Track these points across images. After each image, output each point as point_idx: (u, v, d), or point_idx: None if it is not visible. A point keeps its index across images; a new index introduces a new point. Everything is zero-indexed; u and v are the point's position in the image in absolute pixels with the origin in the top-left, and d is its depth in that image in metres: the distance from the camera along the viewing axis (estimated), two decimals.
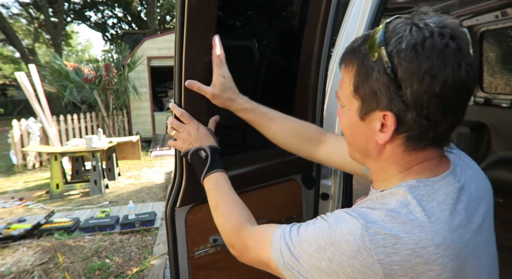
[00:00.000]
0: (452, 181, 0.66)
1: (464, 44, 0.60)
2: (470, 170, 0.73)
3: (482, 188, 0.73)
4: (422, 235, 0.58)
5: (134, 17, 21.53)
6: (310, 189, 1.40)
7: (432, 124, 0.61)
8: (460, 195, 0.66)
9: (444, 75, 0.57)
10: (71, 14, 21.33)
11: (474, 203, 0.68)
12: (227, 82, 0.98)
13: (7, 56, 23.09)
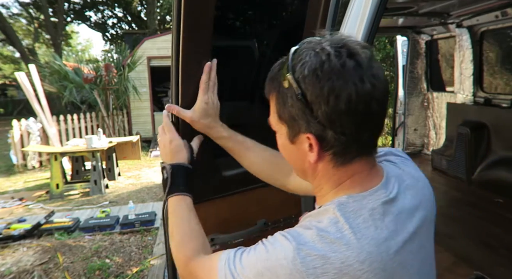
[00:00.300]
0: (382, 194, 0.68)
1: (363, 59, 0.63)
2: (408, 179, 0.76)
3: (420, 196, 0.75)
4: (348, 253, 0.61)
5: (134, 17, 21.52)
6: None
7: (351, 139, 0.65)
8: (390, 207, 0.68)
9: (347, 92, 0.61)
10: (71, 14, 21.33)
11: (407, 214, 0.70)
12: (208, 109, 0.99)
13: (7, 56, 23.08)
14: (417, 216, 0.71)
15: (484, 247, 2.71)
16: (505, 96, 4.14)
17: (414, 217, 0.71)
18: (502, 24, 4.00)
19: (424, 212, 0.73)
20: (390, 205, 0.68)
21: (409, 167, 0.80)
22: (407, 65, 5.36)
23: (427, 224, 0.74)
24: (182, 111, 0.98)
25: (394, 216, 0.67)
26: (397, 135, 5.66)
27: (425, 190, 0.77)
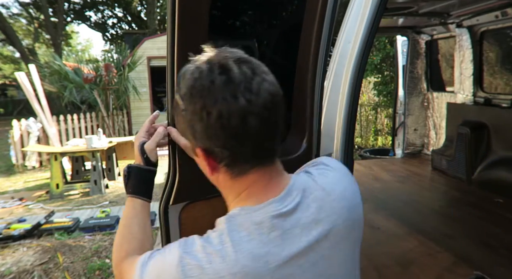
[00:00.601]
0: (274, 208, 0.68)
1: (236, 74, 0.64)
2: (318, 191, 0.73)
3: (327, 209, 0.72)
4: (223, 265, 0.63)
5: (134, 17, 21.52)
6: None
7: (236, 152, 0.67)
8: (281, 221, 0.68)
9: (217, 109, 0.62)
10: (71, 14, 21.33)
11: (301, 228, 0.69)
12: None
13: (7, 56, 23.09)
14: (316, 230, 0.70)
15: (484, 247, 2.71)
16: (505, 96, 4.14)
17: (312, 230, 0.70)
18: (502, 24, 4.00)
19: (328, 225, 0.71)
20: (281, 219, 0.68)
21: (327, 178, 0.77)
22: (407, 65, 5.36)
23: (334, 237, 0.72)
24: (178, 137, 0.99)
25: (283, 231, 0.67)
26: (397, 135, 5.66)
27: (335, 203, 0.73)
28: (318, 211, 0.71)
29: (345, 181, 0.79)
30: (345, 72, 1.59)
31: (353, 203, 0.77)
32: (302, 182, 0.74)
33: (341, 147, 1.61)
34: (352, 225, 0.75)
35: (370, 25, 1.51)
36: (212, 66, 0.65)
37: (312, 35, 1.23)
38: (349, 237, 0.75)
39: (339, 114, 1.60)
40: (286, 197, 0.70)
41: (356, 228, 0.77)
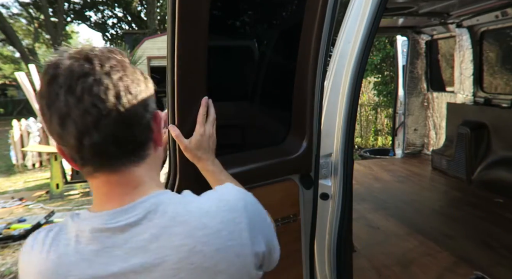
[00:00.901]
0: (100, 221, 0.65)
1: (60, 75, 0.62)
2: (166, 217, 0.65)
3: (163, 241, 0.63)
4: (36, 258, 0.66)
5: (134, 17, 21.52)
6: (309, 189, 1.39)
7: (72, 151, 0.66)
8: (105, 237, 0.64)
9: (41, 108, 0.65)
10: (71, 14, 21.32)
11: (125, 252, 0.63)
12: (203, 142, 1.01)
13: (7, 56, 23.10)
14: (139, 259, 0.63)
15: (484, 247, 2.71)
16: (505, 96, 4.14)
17: (133, 257, 0.63)
18: (502, 24, 4.00)
19: (155, 259, 0.63)
20: (106, 234, 0.64)
21: (197, 207, 0.67)
22: (407, 65, 5.36)
23: (160, 275, 0.63)
24: (180, 137, 1.00)
25: (102, 247, 0.63)
26: (397, 135, 5.66)
27: (177, 238, 0.63)
28: (151, 239, 0.63)
29: (221, 220, 0.66)
30: (345, 72, 1.59)
31: (212, 246, 0.64)
32: (159, 202, 0.66)
33: (341, 147, 1.61)
34: (203, 274, 0.63)
35: (370, 25, 1.51)
36: (48, 62, 0.65)
37: (313, 35, 1.23)
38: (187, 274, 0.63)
39: (339, 114, 1.61)
40: (122, 213, 0.65)
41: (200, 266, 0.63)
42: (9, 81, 23.15)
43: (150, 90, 0.73)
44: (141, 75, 0.72)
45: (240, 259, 0.66)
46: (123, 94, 0.64)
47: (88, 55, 0.64)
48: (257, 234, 0.70)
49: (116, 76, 0.65)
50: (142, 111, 0.68)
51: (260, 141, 1.37)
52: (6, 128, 10.08)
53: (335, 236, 1.64)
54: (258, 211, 0.74)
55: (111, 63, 0.65)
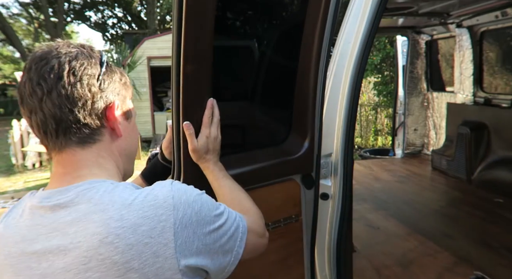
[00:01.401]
0: (39, 198, 0.69)
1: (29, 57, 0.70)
2: (90, 203, 0.65)
3: (81, 226, 0.63)
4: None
5: (134, 17, 21.52)
6: (310, 189, 1.39)
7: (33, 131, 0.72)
8: (39, 215, 0.67)
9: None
10: (71, 14, 21.32)
11: (50, 230, 0.65)
12: (209, 143, 1.02)
13: (7, 56, 23.09)
14: (57, 240, 0.64)
15: (484, 247, 2.71)
16: (505, 96, 4.14)
17: (55, 238, 0.64)
18: (502, 24, 4.00)
19: (69, 243, 0.63)
20: (41, 211, 0.67)
21: (120, 197, 0.66)
22: (407, 65, 5.36)
23: (71, 259, 0.62)
24: (193, 137, 1.01)
25: (33, 224, 0.67)
26: (397, 135, 5.66)
27: (92, 225, 0.63)
28: (72, 223, 0.64)
29: (142, 215, 0.64)
30: (345, 72, 1.59)
31: (125, 240, 0.61)
32: (91, 188, 0.67)
33: (341, 147, 1.61)
34: (112, 267, 0.61)
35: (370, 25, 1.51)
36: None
37: (315, 34, 1.23)
38: (90, 270, 0.61)
39: (339, 114, 1.61)
40: (57, 193, 0.68)
41: (102, 269, 0.61)
42: (9, 81, 23.15)
43: (108, 79, 0.74)
44: (97, 65, 0.72)
45: (159, 260, 0.63)
46: (65, 75, 0.67)
47: (54, 45, 0.71)
48: (189, 238, 0.66)
49: (65, 59, 0.68)
50: (86, 94, 0.69)
51: (261, 141, 1.37)
52: (6, 128, 10.08)
53: (335, 236, 1.64)
54: (196, 214, 0.68)
55: (67, 50, 0.70)
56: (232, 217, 0.77)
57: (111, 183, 0.70)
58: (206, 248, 0.69)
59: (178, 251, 0.64)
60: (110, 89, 0.74)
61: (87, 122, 0.70)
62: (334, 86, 1.64)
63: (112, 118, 0.75)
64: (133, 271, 0.61)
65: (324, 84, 1.32)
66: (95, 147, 0.73)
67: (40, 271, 0.64)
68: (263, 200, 1.20)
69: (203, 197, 0.73)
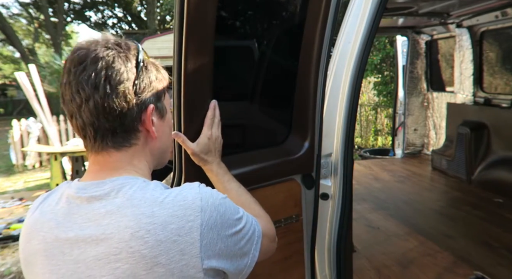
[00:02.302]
0: (76, 189, 0.73)
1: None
2: (125, 199, 0.68)
3: (114, 219, 0.66)
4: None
5: (134, 17, 21.51)
6: (310, 189, 1.39)
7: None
8: (75, 205, 0.71)
9: None
10: (71, 14, 21.31)
11: (85, 220, 0.69)
12: (210, 144, 1.01)
13: (7, 56, 23.08)
14: (91, 229, 0.67)
15: (484, 247, 2.71)
16: (505, 96, 4.14)
17: (89, 228, 0.67)
18: (502, 24, 4.00)
19: (102, 234, 0.66)
20: (74, 201, 0.71)
21: (158, 195, 0.69)
22: (407, 65, 5.36)
23: (103, 249, 0.65)
24: (187, 142, 1.00)
25: (69, 212, 0.71)
26: (397, 135, 5.66)
27: (124, 218, 0.66)
28: (105, 215, 0.67)
29: (172, 213, 0.66)
30: (345, 72, 1.59)
31: (155, 236, 0.64)
32: (126, 184, 0.70)
33: (341, 147, 1.61)
34: (141, 260, 0.64)
35: (370, 25, 1.51)
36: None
37: (315, 35, 1.23)
38: (120, 262, 0.64)
39: (339, 114, 1.61)
40: (93, 186, 0.71)
41: (132, 262, 0.64)
42: (9, 81, 23.14)
43: (144, 81, 0.74)
44: (133, 69, 0.72)
45: (185, 258, 0.65)
46: (101, 85, 0.68)
47: (93, 44, 0.71)
48: (213, 240, 0.68)
49: (102, 65, 0.69)
50: (122, 104, 0.70)
51: (262, 141, 1.37)
52: (6, 128, 10.08)
53: (335, 236, 1.64)
54: (221, 217, 0.70)
55: (104, 53, 0.69)
56: (249, 220, 0.79)
57: (144, 181, 0.73)
58: (227, 250, 0.71)
59: (203, 251, 0.67)
60: (146, 93, 0.75)
61: (123, 129, 0.74)
62: (334, 86, 1.64)
63: (147, 122, 0.76)
64: (160, 266, 0.64)
65: (325, 84, 1.32)
66: (131, 150, 0.76)
67: (72, 258, 0.67)
68: (264, 200, 1.20)
69: (227, 200, 0.75)
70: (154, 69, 0.79)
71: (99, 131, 0.72)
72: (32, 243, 0.72)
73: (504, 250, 2.64)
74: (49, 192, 0.80)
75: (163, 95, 0.81)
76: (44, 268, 0.70)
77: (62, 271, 0.68)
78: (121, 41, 0.74)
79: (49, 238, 0.70)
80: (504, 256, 2.57)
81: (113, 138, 0.73)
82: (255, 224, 0.80)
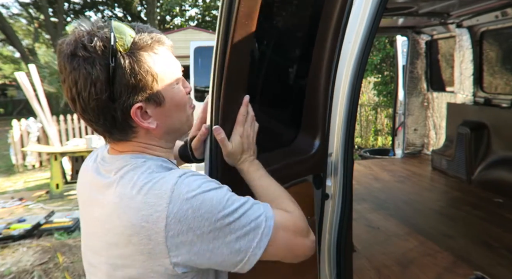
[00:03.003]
0: (102, 150, 0.89)
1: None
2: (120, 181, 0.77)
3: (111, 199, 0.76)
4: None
5: (134, 17, 21.51)
6: (319, 189, 1.39)
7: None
8: (96, 167, 0.86)
9: None
10: (71, 14, 21.32)
11: (100, 186, 0.80)
12: (243, 143, 0.96)
13: (7, 56, 23.08)
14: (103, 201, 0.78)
15: (484, 247, 2.71)
16: (505, 96, 4.14)
17: (98, 193, 0.80)
18: (502, 24, 4.00)
19: (102, 205, 0.78)
20: (97, 167, 0.85)
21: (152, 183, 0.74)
22: (407, 65, 5.36)
23: (101, 224, 0.78)
24: (226, 141, 0.94)
25: (92, 176, 0.85)
26: (397, 135, 5.66)
27: (112, 194, 0.77)
28: (106, 186, 0.78)
29: (145, 200, 0.71)
30: (345, 72, 1.59)
31: (128, 218, 0.71)
32: (129, 164, 0.78)
33: (341, 147, 1.61)
34: (119, 236, 0.73)
35: (370, 25, 1.51)
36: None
37: (329, 32, 1.23)
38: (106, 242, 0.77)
39: (339, 114, 1.60)
40: (110, 160, 0.83)
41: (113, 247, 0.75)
42: (9, 81, 23.14)
43: (119, 81, 0.72)
44: (102, 71, 0.70)
45: (152, 243, 0.69)
46: (77, 101, 0.74)
47: (78, 40, 0.71)
48: (182, 232, 0.69)
49: (81, 71, 0.71)
50: (102, 111, 0.74)
51: (274, 142, 1.35)
52: (6, 128, 10.08)
53: (335, 236, 1.64)
54: (194, 211, 0.70)
55: (72, 66, 0.71)
56: (250, 216, 0.75)
57: (143, 161, 0.79)
58: (204, 245, 0.71)
59: (169, 241, 0.69)
60: (124, 96, 0.73)
61: (117, 130, 0.78)
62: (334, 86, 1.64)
63: (138, 121, 0.77)
64: (132, 244, 0.71)
65: (334, 82, 1.31)
66: (134, 141, 0.82)
67: (90, 213, 0.82)
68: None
69: (210, 194, 0.72)
70: (137, 56, 0.73)
71: (99, 130, 0.80)
72: (78, 188, 0.90)
73: (504, 250, 2.64)
74: (94, 151, 0.94)
75: (154, 81, 0.76)
76: (81, 210, 0.89)
77: (86, 219, 0.86)
78: (92, 37, 0.70)
79: (81, 190, 0.88)
80: (504, 256, 2.57)
81: (111, 136, 0.81)
82: (262, 219, 0.76)
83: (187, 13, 19.17)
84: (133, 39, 0.73)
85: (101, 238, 0.76)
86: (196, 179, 0.74)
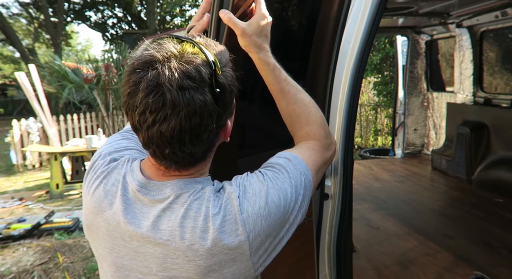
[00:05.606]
0: (128, 179, 0.75)
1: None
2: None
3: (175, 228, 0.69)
4: None
5: (134, 17, 21.50)
6: (318, 189, 1.39)
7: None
8: (142, 193, 0.72)
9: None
10: (71, 14, 21.30)
11: (145, 205, 0.72)
12: (266, 26, 0.81)
13: (7, 56, 23.08)
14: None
15: (484, 247, 2.71)
16: (505, 96, 4.14)
17: (147, 227, 0.70)
18: (502, 24, 4.00)
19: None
20: (137, 196, 0.72)
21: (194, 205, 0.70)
22: (407, 65, 5.36)
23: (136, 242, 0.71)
24: (234, 19, 0.80)
25: (131, 205, 0.73)
26: (397, 135, 5.66)
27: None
28: (163, 220, 0.70)
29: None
30: (345, 72, 1.59)
31: (205, 251, 0.67)
32: (186, 191, 0.71)
33: (341, 147, 1.61)
34: (189, 263, 0.68)
35: (370, 25, 1.51)
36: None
37: (328, 31, 1.22)
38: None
39: (339, 114, 1.60)
40: (155, 188, 0.72)
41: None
42: (9, 81, 23.12)
43: (222, 103, 0.68)
44: (210, 99, 0.66)
45: (237, 263, 0.69)
46: (187, 137, 0.67)
47: (160, 76, 0.63)
48: (262, 242, 0.70)
49: (181, 116, 0.65)
50: (205, 144, 0.71)
51: (273, 142, 1.35)
52: (6, 128, 10.08)
53: (335, 236, 1.64)
54: (266, 219, 0.70)
55: (181, 99, 0.64)
56: (299, 189, 0.75)
57: (201, 187, 0.72)
58: (276, 239, 0.73)
59: (253, 254, 0.69)
60: (223, 115, 0.70)
61: (206, 153, 0.73)
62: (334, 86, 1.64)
63: (224, 137, 0.75)
64: (213, 271, 0.68)
65: (333, 80, 1.31)
66: (204, 162, 0.75)
67: (132, 246, 0.71)
68: None
69: (268, 199, 0.71)
70: (225, 74, 0.69)
71: (178, 163, 0.70)
72: (96, 218, 0.74)
73: (504, 250, 2.64)
74: (112, 167, 0.78)
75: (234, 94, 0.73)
76: (106, 243, 0.74)
77: (122, 253, 0.72)
78: (189, 64, 0.63)
79: (112, 221, 0.72)
80: (504, 256, 2.57)
81: (191, 162, 0.71)
82: (305, 182, 0.76)
83: (187, 13, 19.18)
84: (216, 57, 0.68)
85: (158, 274, 0.70)
86: (247, 190, 0.72)
